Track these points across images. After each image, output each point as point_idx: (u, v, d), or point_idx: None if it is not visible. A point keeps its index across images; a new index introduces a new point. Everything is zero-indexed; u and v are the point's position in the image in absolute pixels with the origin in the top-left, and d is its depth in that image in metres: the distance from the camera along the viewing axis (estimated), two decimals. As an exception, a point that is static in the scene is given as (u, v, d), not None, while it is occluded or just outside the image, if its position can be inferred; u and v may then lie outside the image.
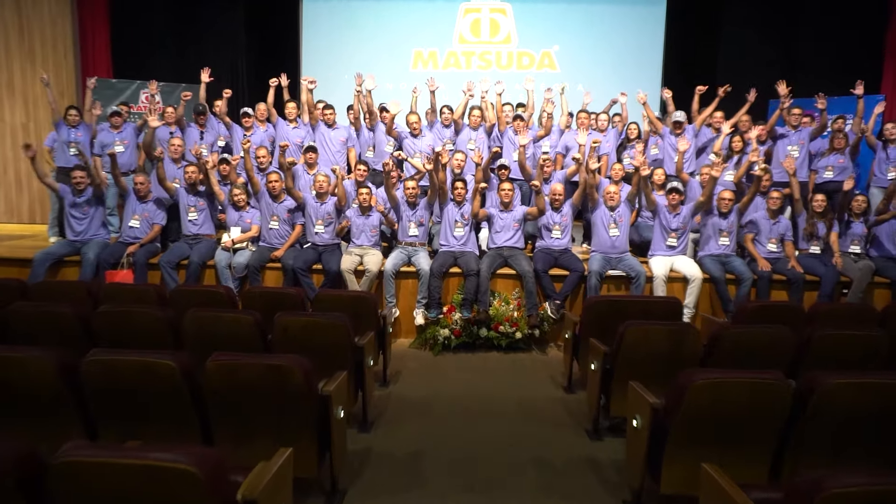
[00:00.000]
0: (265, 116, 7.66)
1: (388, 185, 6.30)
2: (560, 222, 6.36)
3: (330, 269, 6.13)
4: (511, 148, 7.36)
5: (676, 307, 4.48)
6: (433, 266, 6.09)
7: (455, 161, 6.89)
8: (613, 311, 4.45)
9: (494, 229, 6.42)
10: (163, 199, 6.65)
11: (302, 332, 3.61)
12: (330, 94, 8.44)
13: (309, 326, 3.62)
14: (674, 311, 4.47)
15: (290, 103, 7.51)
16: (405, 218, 6.43)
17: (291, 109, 7.48)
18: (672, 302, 4.50)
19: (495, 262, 6.21)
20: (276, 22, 10.49)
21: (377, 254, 6.35)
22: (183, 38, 9.62)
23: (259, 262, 6.23)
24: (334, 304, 4.52)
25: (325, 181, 6.38)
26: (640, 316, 4.36)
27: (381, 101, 8.13)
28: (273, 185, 6.40)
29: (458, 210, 6.33)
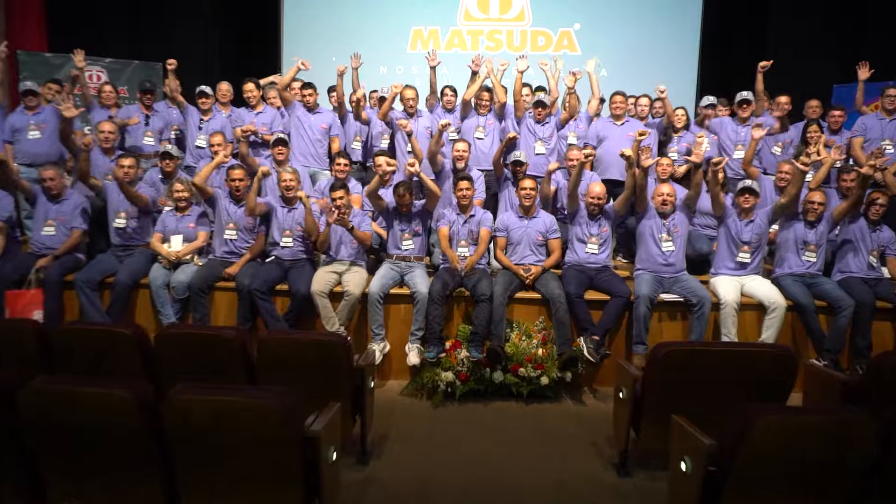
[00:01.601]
0: (228, 98, 6.22)
1: (376, 182, 4.86)
2: (598, 233, 4.92)
3: (297, 292, 4.69)
4: (531, 139, 5.93)
5: (789, 364, 3.03)
6: (433, 288, 4.66)
7: (456, 151, 5.45)
8: (697, 367, 3.03)
9: (511, 241, 4.98)
10: (89, 198, 5.22)
11: (212, 422, 2.17)
12: (314, 76, 7.02)
13: (223, 414, 2.18)
14: (787, 369, 3.02)
15: (249, 83, 6.07)
16: (396, 226, 4.99)
17: (250, 91, 6.04)
18: (783, 355, 3.05)
19: (513, 283, 4.77)
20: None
21: (360, 271, 4.91)
22: (136, 6, 8.15)
23: (206, 282, 4.79)
24: (285, 356, 3.09)
25: (294, 180, 4.94)
26: (740, 375, 2.95)
27: (375, 88, 6.66)
28: (236, 183, 4.95)
29: (463, 222, 4.90)
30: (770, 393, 3.00)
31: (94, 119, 5.96)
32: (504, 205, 5.65)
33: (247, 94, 6.07)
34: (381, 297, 4.70)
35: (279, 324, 4.68)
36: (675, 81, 6.69)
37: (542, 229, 4.96)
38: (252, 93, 6.05)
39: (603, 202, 4.92)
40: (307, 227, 4.83)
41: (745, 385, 2.99)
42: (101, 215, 5.22)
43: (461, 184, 4.87)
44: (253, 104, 6.08)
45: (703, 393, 2.96)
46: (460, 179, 4.89)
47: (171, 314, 4.81)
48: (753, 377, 3.01)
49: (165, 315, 4.81)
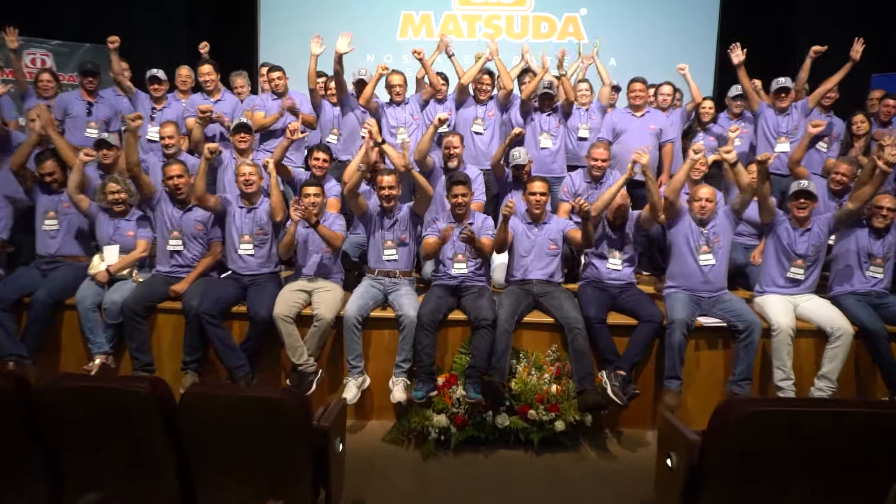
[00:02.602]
0: (189, 86, 5.35)
1: (357, 177, 4.01)
2: (622, 246, 4.09)
3: (257, 315, 3.83)
4: (537, 131, 5.11)
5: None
6: (422, 311, 3.81)
7: (448, 147, 4.61)
8: (785, 435, 2.19)
9: (518, 252, 4.14)
10: (14, 198, 4.35)
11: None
12: (293, 64, 6.19)
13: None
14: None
15: (206, 66, 5.21)
16: (378, 233, 4.14)
17: (208, 75, 5.18)
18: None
19: (521, 304, 3.93)
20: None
21: (335, 289, 4.05)
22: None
23: (145, 302, 3.92)
24: (218, 421, 2.23)
25: (254, 173, 4.09)
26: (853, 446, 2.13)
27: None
28: (175, 181, 4.09)
29: (460, 232, 4.01)
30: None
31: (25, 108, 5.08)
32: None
33: (203, 77, 5.20)
34: (360, 322, 3.84)
35: (234, 354, 3.82)
36: (692, 72, 5.90)
37: (556, 235, 4.12)
38: (209, 76, 5.19)
39: (626, 210, 4.08)
40: (272, 206, 4.01)
41: (858, 463, 2.16)
42: (30, 218, 4.32)
43: (456, 189, 4.02)
44: (210, 89, 5.21)
45: (797, 471, 2.13)
46: (454, 183, 4.03)
47: (104, 342, 3.94)
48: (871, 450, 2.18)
49: (96, 344, 3.93)
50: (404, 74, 5.20)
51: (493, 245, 3.99)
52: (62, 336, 4.08)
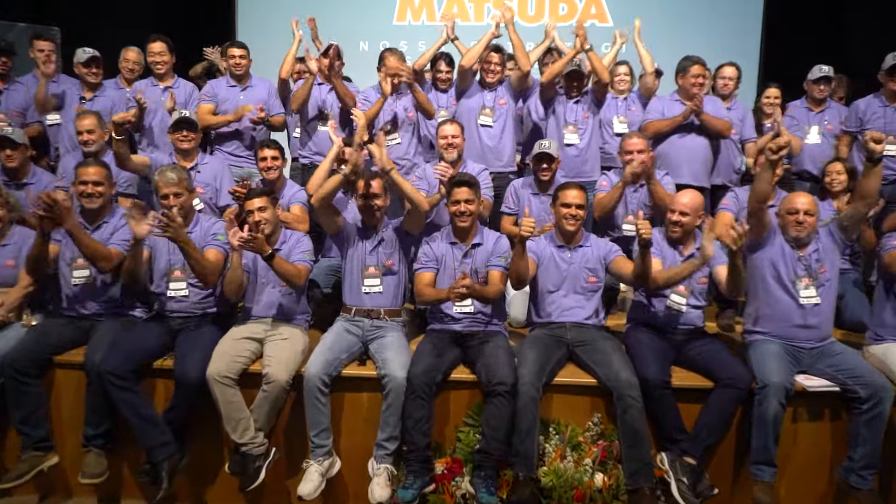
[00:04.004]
0: (137, 73, 4.28)
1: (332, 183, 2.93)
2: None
3: (184, 375, 2.76)
4: (561, 123, 4.05)
5: None
6: (414, 370, 2.73)
7: (443, 137, 3.55)
8: None
9: (545, 285, 3.05)
10: None
11: None
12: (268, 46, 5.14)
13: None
14: None
15: (157, 42, 4.13)
16: (356, 258, 3.07)
17: (160, 55, 4.12)
18: None
19: (551, 358, 2.84)
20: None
21: (294, 335, 2.96)
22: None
23: (36, 355, 2.86)
24: None
25: (180, 182, 2.99)
26: None
27: (352, 71, 4.65)
28: (89, 188, 3.02)
29: (463, 256, 3.01)
30: None
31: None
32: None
33: (154, 58, 4.13)
34: (327, 383, 2.76)
35: (153, 429, 2.75)
36: (732, 58, 4.89)
37: (596, 263, 3.03)
38: (161, 57, 4.12)
39: (689, 221, 3.00)
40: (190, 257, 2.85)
41: None
42: None
43: (457, 192, 2.95)
44: (161, 73, 4.15)
45: None
46: (457, 184, 2.96)
47: (-23, 414, 2.89)
48: None
49: (-37, 411, 2.89)
50: (402, 55, 4.13)
51: (503, 282, 2.92)
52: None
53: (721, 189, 4.16)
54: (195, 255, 2.80)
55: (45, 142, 4.26)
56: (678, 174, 3.92)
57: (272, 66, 4.31)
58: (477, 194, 2.96)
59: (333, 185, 2.90)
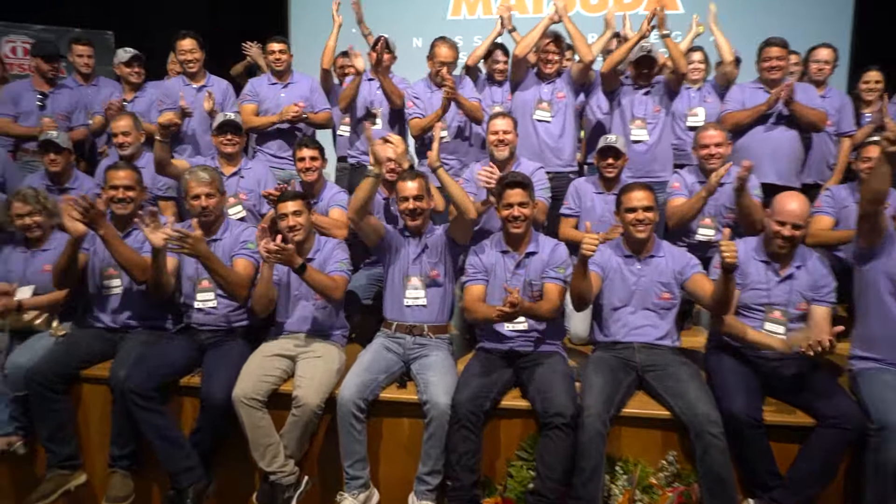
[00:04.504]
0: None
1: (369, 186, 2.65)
2: (785, 294, 2.54)
3: (209, 396, 2.54)
4: (627, 118, 3.65)
5: None
6: (460, 396, 2.42)
7: (494, 133, 3.20)
8: None
9: (611, 300, 2.67)
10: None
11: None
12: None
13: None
14: None
15: (188, 41, 3.92)
16: (397, 267, 2.78)
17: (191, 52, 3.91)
18: None
19: (620, 386, 2.46)
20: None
21: (329, 353, 2.70)
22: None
23: (62, 368, 2.70)
24: None
25: (212, 184, 2.79)
26: None
27: (406, 69, 4.34)
28: (122, 193, 2.85)
29: (515, 266, 2.66)
30: None
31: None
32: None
33: (184, 56, 3.93)
34: (363, 408, 2.49)
35: (178, 452, 2.54)
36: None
37: (670, 278, 2.63)
38: (193, 55, 3.94)
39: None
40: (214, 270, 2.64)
41: None
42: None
43: (509, 194, 2.61)
44: (193, 72, 3.97)
45: None
46: (507, 186, 2.62)
47: (5, 421, 2.76)
48: None
49: (-6, 423, 2.77)
50: (455, 47, 3.82)
51: (560, 297, 2.57)
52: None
53: (813, 188, 3.66)
54: (219, 269, 2.59)
55: (92, 146, 4.20)
56: (761, 172, 3.45)
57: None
58: (531, 196, 2.62)
59: (366, 191, 2.61)
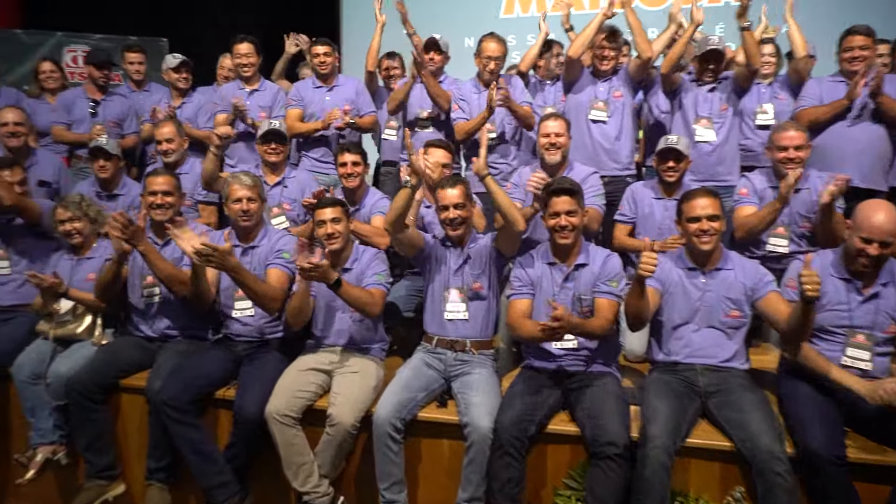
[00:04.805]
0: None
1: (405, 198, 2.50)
2: (869, 316, 2.24)
3: (242, 409, 2.46)
4: (688, 116, 3.39)
5: None
6: (503, 418, 2.25)
7: (546, 135, 2.99)
8: None
9: (671, 317, 2.43)
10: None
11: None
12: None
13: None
14: None
15: (244, 44, 3.90)
16: (438, 279, 2.63)
17: (246, 56, 3.89)
18: None
19: (685, 413, 2.22)
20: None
21: (366, 368, 2.57)
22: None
23: (101, 378, 2.68)
24: None
25: (252, 190, 2.72)
26: None
27: (458, 70, 4.17)
28: (161, 199, 2.81)
29: (563, 279, 2.46)
30: None
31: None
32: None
33: (240, 59, 3.92)
34: (400, 428, 2.35)
35: (212, 467, 2.48)
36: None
37: (739, 294, 2.36)
38: (248, 59, 3.92)
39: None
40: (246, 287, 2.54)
41: None
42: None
43: (555, 202, 2.41)
44: (247, 76, 3.93)
45: None
46: (553, 193, 2.42)
47: (49, 430, 2.76)
48: None
49: (38, 431, 2.77)
50: (504, 43, 3.65)
51: (613, 313, 2.36)
52: (11, 414, 2.95)
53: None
54: (249, 282, 2.50)
55: (143, 153, 4.24)
56: (842, 174, 3.11)
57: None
58: (580, 204, 2.41)
59: (403, 202, 2.46)
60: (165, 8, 6.24)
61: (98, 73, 4.01)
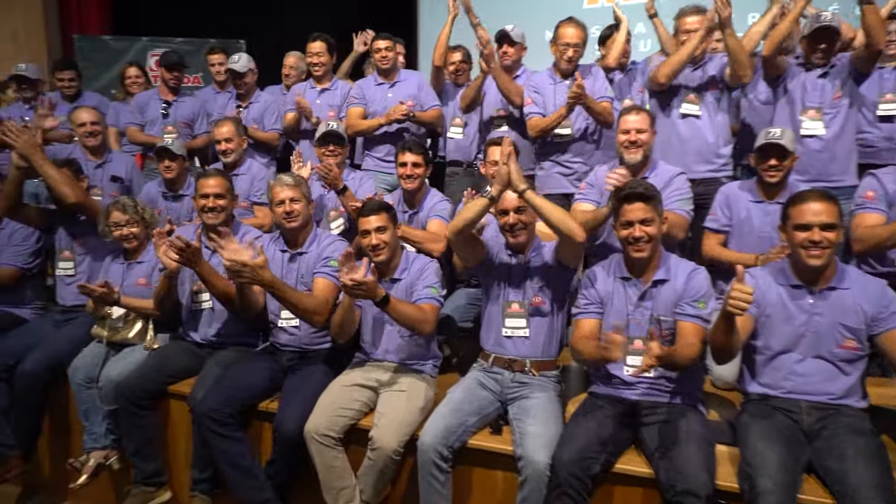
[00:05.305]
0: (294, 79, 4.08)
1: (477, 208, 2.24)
2: None
3: (281, 425, 2.30)
4: (794, 106, 2.94)
5: None
6: (562, 452, 1.95)
7: (626, 132, 2.64)
8: None
9: (769, 344, 2.04)
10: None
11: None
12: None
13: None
14: None
15: (317, 43, 3.79)
16: (497, 291, 2.37)
17: (318, 56, 3.79)
18: None
19: (799, 459, 1.83)
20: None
21: (414, 388, 2.34)
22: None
23: (150, 384, 2.61)
24: None
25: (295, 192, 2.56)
26: None
27: (539, 65, 3.85)
28: (213, 202, 2.72)
29: (639, 297, 2.13)
30: None
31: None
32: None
33: (312, 59, 3.83)
34: (446, 456, 2.11)
35: (251, 482, 2.34)
36: None
37: (858, 321, 1.94)
38: (320, 58, 3.81)
39: None
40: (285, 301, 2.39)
41: None
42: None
43: (627, 210, 2.07)
44: (318, 75, 3.84)
45: None
46: (624, 200, 2.08)
47: (101, 434, 2.74)
48: None
49: (91, 435, 2.76)
50: (584, 29, 3.31)
51: (699, 339, 2.00)
52: (71, 416, 2.96)
53: None
54: (288, 296, 2.33)
55: (213, 153, 4.24)
56: None
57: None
58: (657, 211, 2.07)
59: (475, 213, 2.18)
60: (245, 9, 6.33)
61: (168, 75, 4.04)
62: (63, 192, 2.88)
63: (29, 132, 2.84)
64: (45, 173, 2.85)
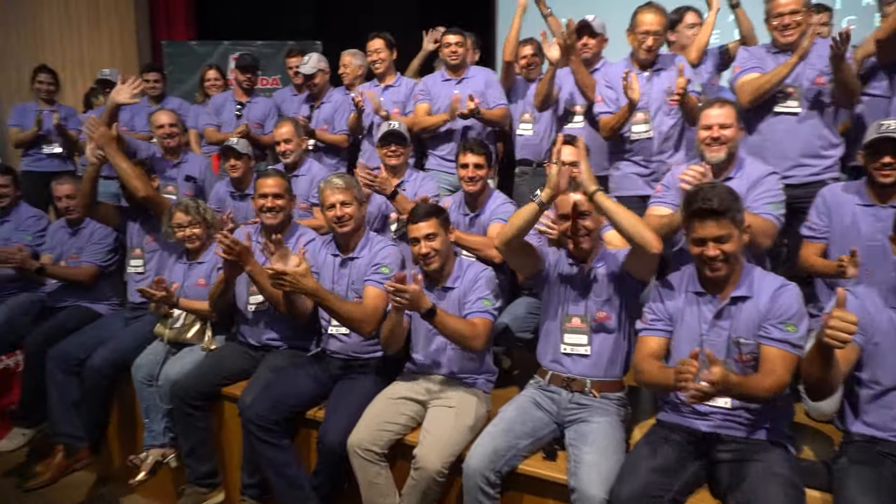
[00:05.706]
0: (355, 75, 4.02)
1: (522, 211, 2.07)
2: None
3: (325, 436, 2.21)
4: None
5: None
6: (622, 488, 1.73)
7: (707, 128, 2.34)
8: None
9: (877, 377, 1.73)
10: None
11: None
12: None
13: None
14: None
15: (377, 41, 3.73)
16: (556, 303, 2.17)
17: (377, 53, 3.72)
18: None
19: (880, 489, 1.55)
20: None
21: (464, 402, 2.19)
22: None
23: (204, 386, 2.61)
24: None
25: (353, 194, 2.46)
26: None
27: (617, 57, 3.63)
28: (272, 202, 2.68)
29: (714, 315, 1.86)
30: None
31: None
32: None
33: (372, 56, 3.78)
34: (494, 481, 1.94)
35: (296, 493, 2.28)
36: None
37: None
38: (379, 55, 3.75)
39: None
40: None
41: None
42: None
43: (699, 227, 1.80)
44: (380, 72, 3.77)
45: None
46: (695, 215, 1.80)
47: (160, 432, 2.77)
48: None
49: (151, 433, 2.79)
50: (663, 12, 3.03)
51: (787, 370, 1.72)
52: (137, 412, 3.02)
53: None
54: (334, 305, 2.24)
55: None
56: None
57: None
58: (735, 224, 1.78)
59: (525, 220, 2.02)
60: (324, 11, 6.40)
61: (242, 77, 4.09)
62: (135, 186, 2.96)
63: (105, 127, 2.95)
64: (119, 166, 2.95)
